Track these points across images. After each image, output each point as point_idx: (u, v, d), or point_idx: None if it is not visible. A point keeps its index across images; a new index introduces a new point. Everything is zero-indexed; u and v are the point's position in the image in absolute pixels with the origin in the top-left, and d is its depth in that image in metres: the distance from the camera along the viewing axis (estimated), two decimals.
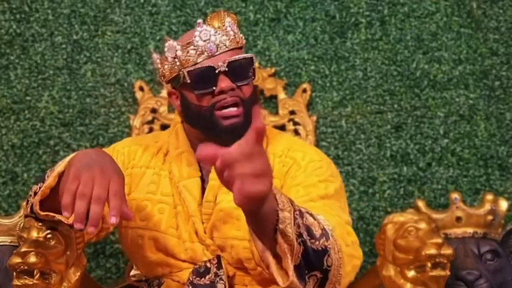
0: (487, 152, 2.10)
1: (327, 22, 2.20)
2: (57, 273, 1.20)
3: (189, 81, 1.23)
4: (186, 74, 1.22)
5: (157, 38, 2.15)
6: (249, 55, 1.24)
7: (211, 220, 1.23)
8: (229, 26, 1.25)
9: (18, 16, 2.13)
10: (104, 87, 2.09)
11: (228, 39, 1.23)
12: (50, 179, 1.09)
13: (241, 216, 1.07)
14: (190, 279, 1.20)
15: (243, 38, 1.30)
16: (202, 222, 1.24)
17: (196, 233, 1.24)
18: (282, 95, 2.10)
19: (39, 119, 2.04)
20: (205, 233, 1.24)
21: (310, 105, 2.12)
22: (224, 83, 1.20)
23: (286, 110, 2.08)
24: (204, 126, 1.25)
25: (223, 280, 1.18)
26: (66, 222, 1.10)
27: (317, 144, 2.06)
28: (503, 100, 2.16)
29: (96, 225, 0.97)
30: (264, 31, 2.19)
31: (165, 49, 1.26)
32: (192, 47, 1.21)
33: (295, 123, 2.06)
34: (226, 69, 1.20)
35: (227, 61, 1.20)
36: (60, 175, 1.09)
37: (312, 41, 2.18)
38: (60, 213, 1.06)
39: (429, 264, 1.22)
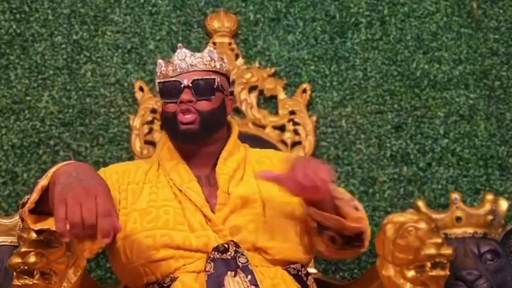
0: (487, 152, 2.11)
1: (327, 22, 2.20)
2: (57, 273, 1.20)
3: (158, 90, 1.47)
4: (157, 84, 1.47)
5: (157, 38, 2.15)
6: (212, 76, 1.45)
7: (228, 207, 1.38)
8: (208, 53, 1.49)
9: (18, 16, 2.13)
10: (104, 87, 2.09)
11: (202, 62, 1.46)
12: (35, 194, 1.15)
13: (256, 200, 1.39)
14: (211, 256, 1.29)
15: (225, 66, 1.51)
16: (213, 212, 1.38)
17: (206, 222, 1.36)
18: (282, 95, 2.10)
19: (39, 119, 2.05)
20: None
21: (310, 105, 2.12)
22: (185, 95, 1.42)
23: (286, 110, 2.08)
24: (169, 129, 1.48)
25: (244, 255, 1.30)
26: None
27: (317, 144, 2.06)
28: (503, 100, 2.16)
29: (96, 239, 1.05)
30: (264, 31, 2.19)
31: (157, 66, 1.52)
32: (171, 64, 1.47)
33: (295, 123, 2.06)
34: (190, 84, 1.43)
35: (192, 79, 1.43)
36: (44, 188, 1.15)
37: (312, 41, 2.18)
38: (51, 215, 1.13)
39: (429, 264, 1.22)
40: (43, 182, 1.15)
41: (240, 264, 1.28)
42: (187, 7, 2.20)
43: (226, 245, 1.31)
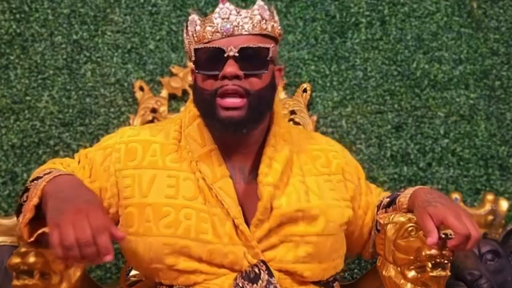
0: (487, 152, 2.10)
1: (327, 22, 2.20)
2: (57, 273, 1.20)
3: (194, 59, 1.16)
4: (192, 51, 1.16)
5: (157, 38, 2.15)
6: (266, 44, 1.14)
7: (268, 225, 1.17)
8: (259, 10, 1.16)
9: (18, 16, 2.13)
10: (104, 87, 2.09)
11: (251, 22, 1.14)
12: (28, 213, 1.10)
13: (301, 217, 1.18)
14: (240, 284, 1.13)
15: (278, 27, 1.20)
16: (247, 223, 1.18)
17: (237, 233, 1.16)
18: (282, 95, 2.10)
19: (39, 119, 2.04)
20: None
21: (310, 105, 2.12)
22: (230, 68, 1.11)
23: (287, 110, 2.07)
24: (204, 112, 1.19)
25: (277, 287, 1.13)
26: None
27: None
28: (503, 100, 2.16)
29: (101, 259, 0.99)
30: None
31: (188, 22, 1.20)
32: (209, 23, 1.15)
33: (296, 123, 2.06)
34: (237, 54, 1.11)
35: (240, 46, 1.11)
36: (36, 205, 1.10)
37: (312, 41, 2.18)
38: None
39: (429, 265, 1.22)
40: (34, 200, 1.09)
41: None
42: (187, 7, 2.20)
43: (257, 270, 1.14)
